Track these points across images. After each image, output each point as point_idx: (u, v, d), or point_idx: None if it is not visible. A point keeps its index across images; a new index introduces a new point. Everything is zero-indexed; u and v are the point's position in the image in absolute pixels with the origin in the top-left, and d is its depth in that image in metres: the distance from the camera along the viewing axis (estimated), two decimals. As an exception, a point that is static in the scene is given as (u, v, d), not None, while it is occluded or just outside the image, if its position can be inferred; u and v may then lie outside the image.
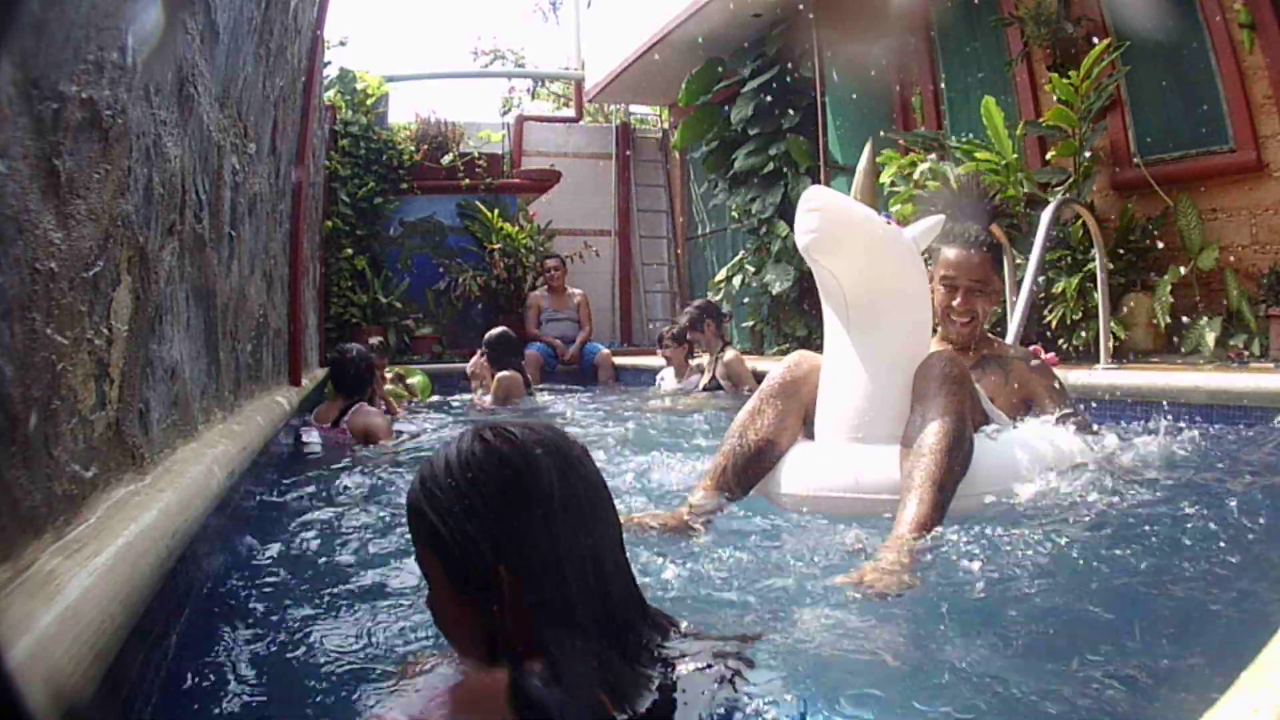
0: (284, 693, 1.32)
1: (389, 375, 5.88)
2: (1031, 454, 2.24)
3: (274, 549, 2.04)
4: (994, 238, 2.72)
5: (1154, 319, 4.51)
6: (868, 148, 2.88)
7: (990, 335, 2.78)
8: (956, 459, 1.97)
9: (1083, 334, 4.59)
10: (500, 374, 5.53)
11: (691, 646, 0.99)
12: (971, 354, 2.56)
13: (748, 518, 2.18)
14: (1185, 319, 4.57)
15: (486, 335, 5.83)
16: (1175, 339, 4.59)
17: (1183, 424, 2.85)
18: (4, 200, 0.96)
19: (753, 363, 5.83)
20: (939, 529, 1.83)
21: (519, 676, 0.88)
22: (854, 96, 6.92)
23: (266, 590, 1.76)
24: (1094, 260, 4.25)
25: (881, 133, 6.54)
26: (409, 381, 6.27)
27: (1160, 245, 4.88)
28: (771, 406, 2.32)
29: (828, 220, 2.19)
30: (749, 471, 2.27)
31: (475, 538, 0.93)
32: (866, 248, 2.23)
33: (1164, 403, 3.07)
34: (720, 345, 5.80)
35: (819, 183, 6.67)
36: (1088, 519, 2.01)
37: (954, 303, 2.52)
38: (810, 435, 2.35)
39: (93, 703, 0.93)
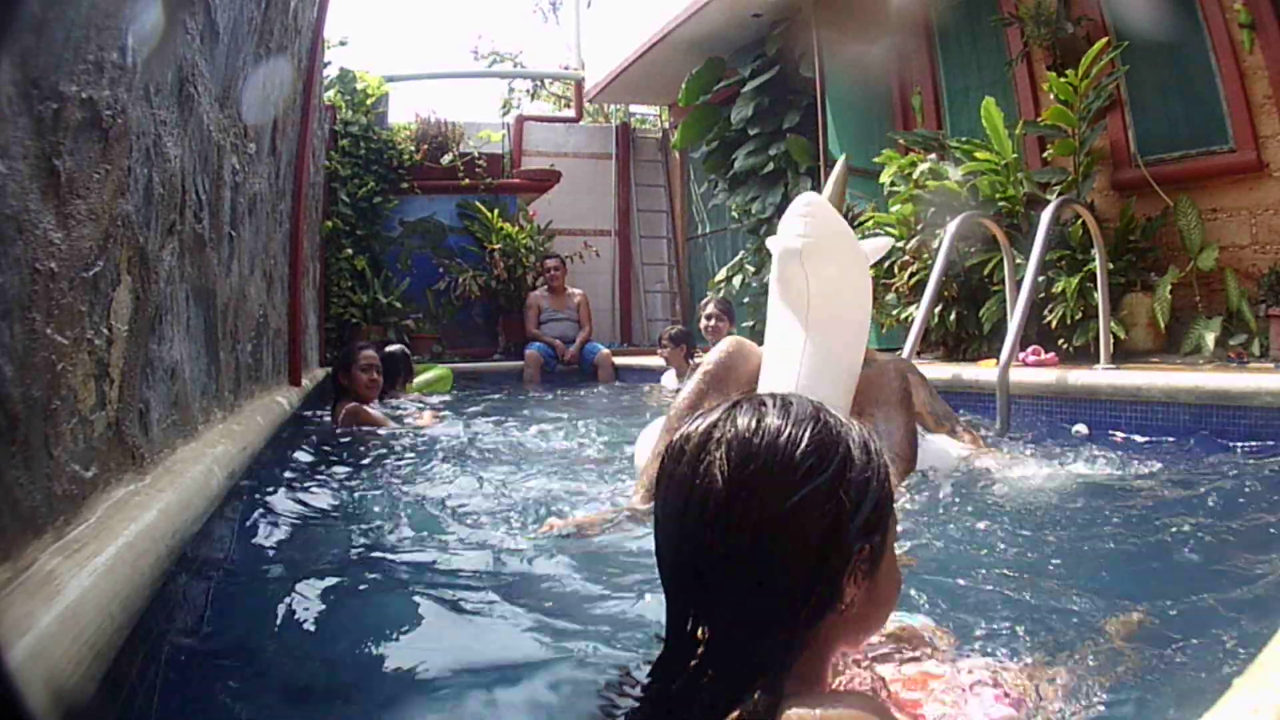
0: (285, 692, 1.32)
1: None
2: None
3: (275, 545, 2.04)
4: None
5: (1154, 319, 4.51)
6: (840, 161, 3.00)
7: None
8: (911, 467, 2.17)
9: (1083, 334, 4.58)
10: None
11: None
12: None
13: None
14: (1185, 319, 4.57)
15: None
16: (1175, 339, 4.59)
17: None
18: (4, 200, 0.96)
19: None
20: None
21: None
22: (854, 96, 6.91)
23: (268, 587, 1.76)
24: (1094, 260, 4.24)
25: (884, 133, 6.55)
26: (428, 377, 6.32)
27: (1160, 245, 4.89)
28: (712, 399, 2.34)
29: (820, 227, 2.32)
30: None
31: None
32: (843, 258, 2.37)
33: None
34: None
35: (819, 183, 6.67)
36: (1064, 518, 2.02)
37: None
38: None
39: (93, 703, 0.93)
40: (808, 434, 0.80)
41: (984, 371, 4.26)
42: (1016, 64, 5.71)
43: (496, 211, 8.68)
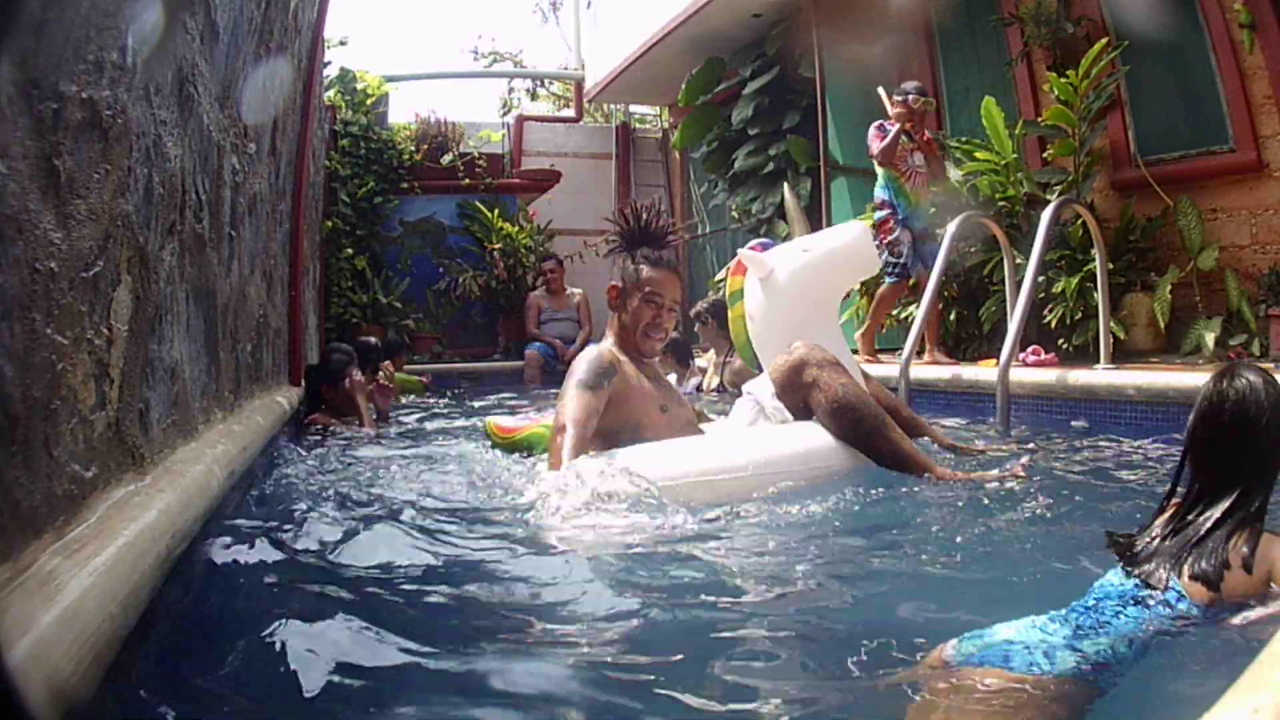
0: (285, 692, 1.32)
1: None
2: None
3: (274, 542, 2.03)
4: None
5: (1154, 319, 4.51)
6: (790, 194, 3.63)
7: None
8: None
9: (1083, 334, 4.58)
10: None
11: None
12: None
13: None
14: (1185, 319, 4.57)
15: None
16: (1175, 339, 4.59)
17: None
18: (4, 200, 0.96)
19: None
20: None
21: None
22: (854, 96, 6.91)
23: (267, 586, 1.76)
24: (1094, 260, 4.25)
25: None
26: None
27: (1160, 245, 4.89)
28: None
29: None
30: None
31: None
32: None
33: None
34: (728, 348, 5.78)
35: (819, 183, 6.68)
36: (1062, 515, 2.02)
37: (657, 319, 2.69)
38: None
39: (93, 703, 0.93)
40: (1272, 386, 1.40)
41: (984, 371, 4.27)
42: (1016, 64, 5.71)
43: (496, 211, 8.68)
